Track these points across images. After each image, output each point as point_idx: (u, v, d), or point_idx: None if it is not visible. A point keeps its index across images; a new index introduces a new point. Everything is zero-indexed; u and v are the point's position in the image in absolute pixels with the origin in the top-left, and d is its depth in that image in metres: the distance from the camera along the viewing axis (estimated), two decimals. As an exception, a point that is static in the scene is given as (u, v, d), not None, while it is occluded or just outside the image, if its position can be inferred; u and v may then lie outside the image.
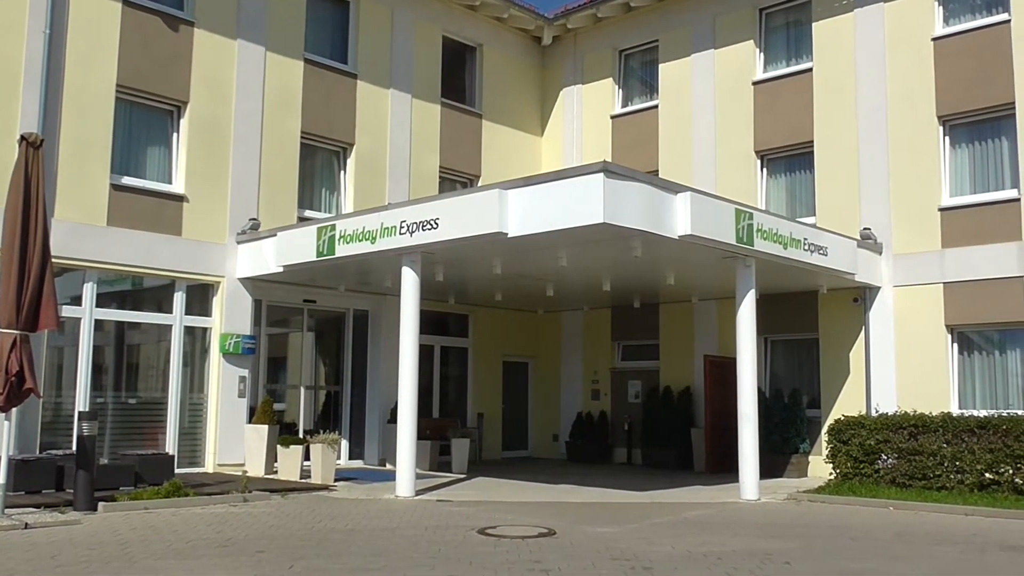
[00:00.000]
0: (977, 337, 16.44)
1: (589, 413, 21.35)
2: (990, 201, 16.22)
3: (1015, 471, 13.53)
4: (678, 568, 8.61)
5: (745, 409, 14.23)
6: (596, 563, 8.73)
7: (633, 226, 12.30)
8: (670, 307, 20.17)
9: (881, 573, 8.55)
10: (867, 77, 17.65)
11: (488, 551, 9.33)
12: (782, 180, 19.14)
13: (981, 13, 16.78)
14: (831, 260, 15.57)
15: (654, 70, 21.19)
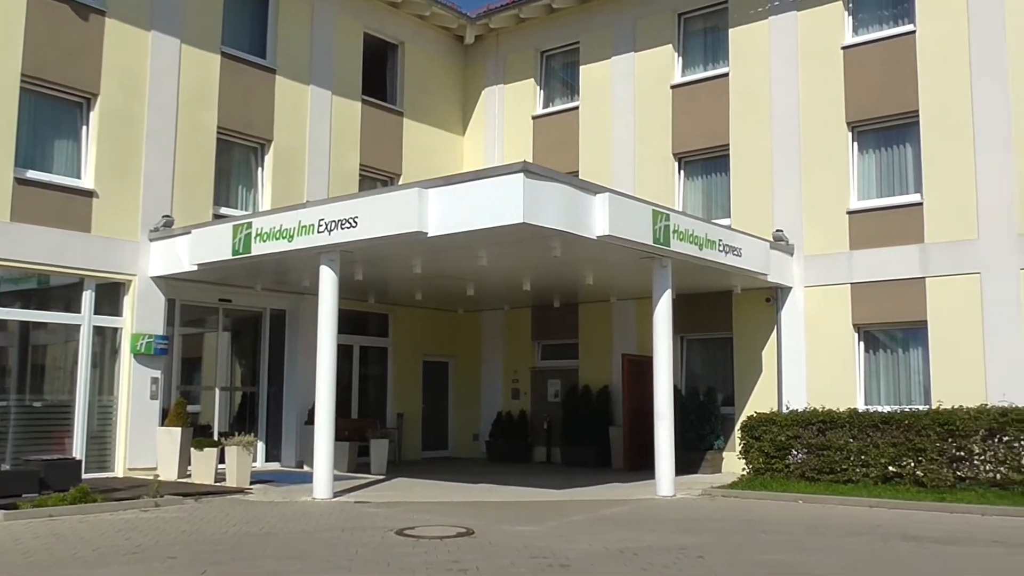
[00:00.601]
0: (882, 336, 17.02)
1: (509, 412, 21.43)
2: (895, 205, 16.81)
3: (916, 464, 14.05)
4: (595, 564, 8.71)
5: (661, 407, 14.46)
6: (515, 562, 8.77)
7: (552, 226, 12.38)
8: (589, 307, 20.38)
9: (791, 565, 8.79)
10: (781, 83, 18.12)
11: (406, 552, 9.29)
12: (699, 182, 19.50)
13: (889, 24, 17.37)
14: (745, 261, 15.94)
15: (575, 71, 21.38)
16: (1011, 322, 15.24)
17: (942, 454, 13.88)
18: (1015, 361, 15.08)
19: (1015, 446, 13.39)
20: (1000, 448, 13.53)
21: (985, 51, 15.91)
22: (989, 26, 15.92)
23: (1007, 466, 13.42)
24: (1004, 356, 15.21)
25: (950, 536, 10.45)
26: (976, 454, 13.75)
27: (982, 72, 15.91)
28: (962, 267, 15.82)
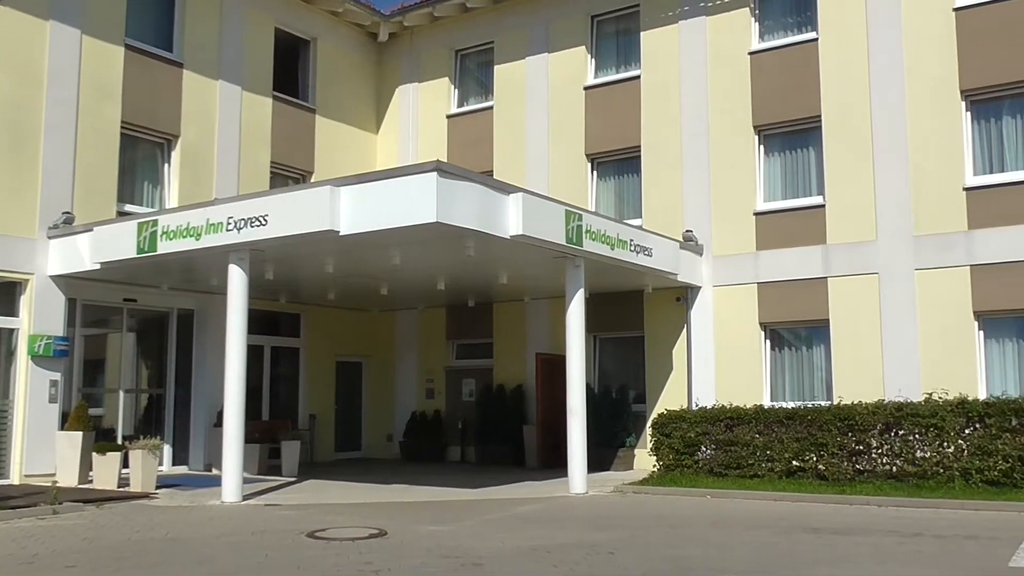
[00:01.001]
0: (787, 334, 17.52)
1: (423, 412, 21.36)
2: (799, 207, 17.31)
3: (818, 458, 14.51)
4: (507, 562, 8.76)
5: (574, 405, 14.61)
6: (427, 561, 8.75)
7: (466, 225, 12.39)
8: (503, 306, 20.45)
9: (699, 559, 8.99)
10: (691, 86, 18.48)
11: (317, 554, 9.19)
12: (611, 183, 19.76)
13: (793, 31, 17.88)
14: (655, 261, 16.21)
15: (490, 71, 21.42)
16: (907, 321, 15.85)
17: (842, 448, 14.36)
18: (910, 358, 15.70)
19: (910, 440, 13.93)
20: (896, 442, 14.06)
21: (883, 59, 16.51)
22: (886, 35, 16.52)
23: (902, 459, 13.95)
24: (900, 354, 15.81)
25: (848, 527, 10.82)
26: (874, 448, 14.27)
27: (880, 79, 16.51)
28: (861, 268, 16.39)
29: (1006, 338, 15.43)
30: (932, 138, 16.00)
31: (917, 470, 13.74)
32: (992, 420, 13.31)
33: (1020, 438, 13.04)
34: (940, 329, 15.58)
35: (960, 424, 13.58)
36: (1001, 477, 13.01)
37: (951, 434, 13.58)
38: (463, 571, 8.31)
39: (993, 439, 13.21)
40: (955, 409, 13.67)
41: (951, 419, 13.60)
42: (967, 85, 15.84)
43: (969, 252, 15.52)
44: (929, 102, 16.08)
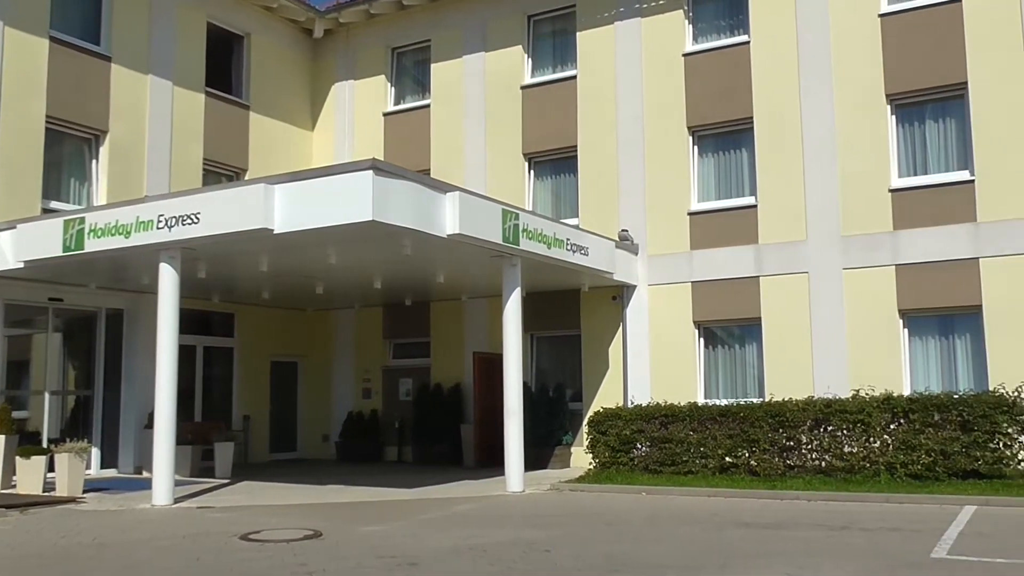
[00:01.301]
0: (720, 332, 17.81)
1: (360, 412, 21.21)
2: (732, 207, 17.61)
3: (751, 454, 14.78)
4: (443, 562, 8.75)
5: (511, 404, 14.65)
6: (362, 562, 8.70)
7: (402, 224, 12.35)
8: (441, 305, 20.41)
9: (633, 554, 9.08)
10: (626, 87, 18.66)
11: (251, 556, 9.07)
12: (548, 182, 19.86)
13: (726, 34, 18.18)
14: (592, 260, 16.35)
15: (427, 69, 21.35)
16: (835, 319, 16.24)
17: (774, 444, 14.65)
18: (838, 356, 16.09)
19: (838, 435, 14.27)
20: (825, 437, 14.39)
21: (812, 63, 16.88)
22: (815, 39, 16.89)
23: (831, 454, 14.29)
24: (829, 351, 16.20)
25: (779, 521, 11.05)
26: (804, 444, 14.58)
27: (809, 82, 16.88)
28: (792, 267, 16.74)
29: (929, 336, 15.92)
30: (859, 141, 16.41)
31: (845, 465, 14.07)
32: (915, 416, 13.71)
33: (942, 433, 13.46)
34: (867, 327, 16.00)
35: (886, 420, 13.95)
36: (924, 471, 13.41)
37: (877, 429, 13.95)
38: (399, 571, 8.28)
39: (916, 434, 13.61)
40: (881, 405, 14.04)
41: (877, 415, 13.96)
42: (892, 89, 16.29)
43: (894, 252, 15.96)
44: (856, 106, 16.49)
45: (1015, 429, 13.23)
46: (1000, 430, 13.21)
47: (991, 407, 13.26)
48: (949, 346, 15.80)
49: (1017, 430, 13.23)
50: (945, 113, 16.15)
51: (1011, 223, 15.12)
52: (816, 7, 16.96)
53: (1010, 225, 15.13)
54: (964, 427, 13.35)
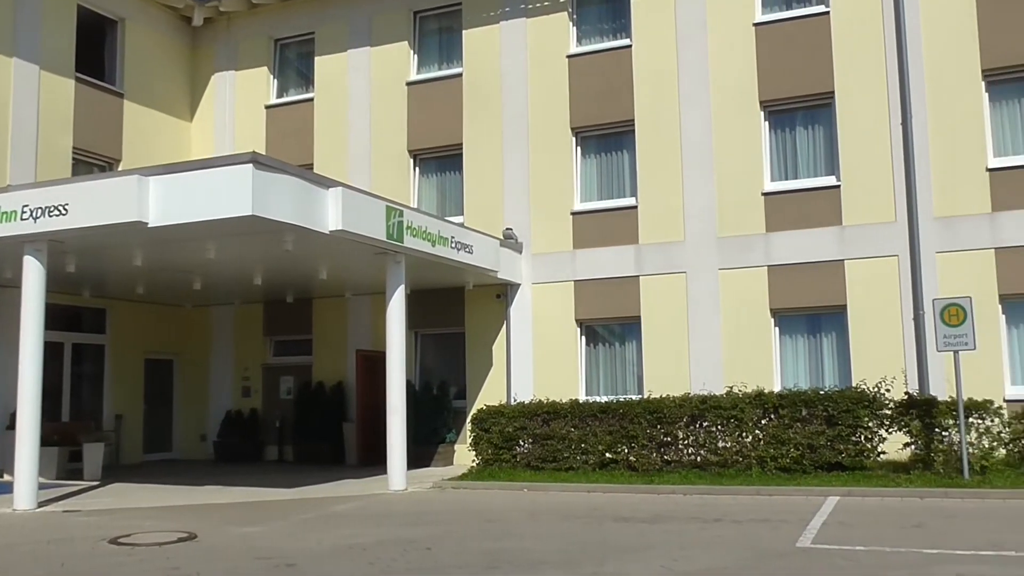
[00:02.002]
0: (602, 330, 18.15)
1: (239, 411, 20.72)
2: (613, 207, 17.96)
3: (629, 450, 15.11)
4: (323, 562, 8.65)
5: (394, 402, 14.57)
6: (239, 564, 8.52)
7: (283, 220, 12.13)
8: (324, 302, 20.12)
9: (514, 551, 9.18)
10: (511, 86, 18.80)
11: (120, 561, 8.75)
12: (434, 179, 19.82)
13: (609, 37, 18.52)
14: (476, 258, 16.41)
15: (310, 62, 20.99)
16: (711, 318, 16.78)
17: (652, 440, 15.01)
18: (714, 353, 16.64)
19: (713, 431, 14.74)
20: (701, 433, 14.84)
21: (690, 68, 17.38)
22: (694, 45, 17.40)
23: (706, 449, 14.75)
24: (705, 349, 16.72)
25: (656, 515, 11.35)
26: (681, 439, 15.00)
27: (688, 87, 17.38)
28: (670, 267, 17.20)
29: (798, 334, 16.62)
30: (735, 145, 16.99)
31: (719, 459, 14.55)
32: (785, 411, 14.29)
33: (809, 427, 14.07)
34: (740, 326, 16.59)
35: (757, 415, 14.49)
36: (792, 464, 13.98)
37: (749, 425, 14.47)
38: (276, 572, 8.14)
39: (786, 429, 14.18)
40: (753, 401, 14.57)
41: (749, 411, 14.48)
42: (766, 96, 16.93)
43: (767, 253, 16.59)
44: (732, 111, 17.06)
45: (875, 423, 13.94)
46: (862, 424, 13.89)
47: (854, 402, 13.94)
48: (817, 344, 16.53)
49: (877, 424, 13.95)
50: (814, 120, 16.88)
51: (873, 227, 15.93)
52: (694, 14, 17.47)
53: (872, 229, 15.93)
54: (829, 422, 13.98)
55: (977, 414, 13.40)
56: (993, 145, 15.60)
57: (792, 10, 17.12)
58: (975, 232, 15.34)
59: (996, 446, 13.34)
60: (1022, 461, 13.25)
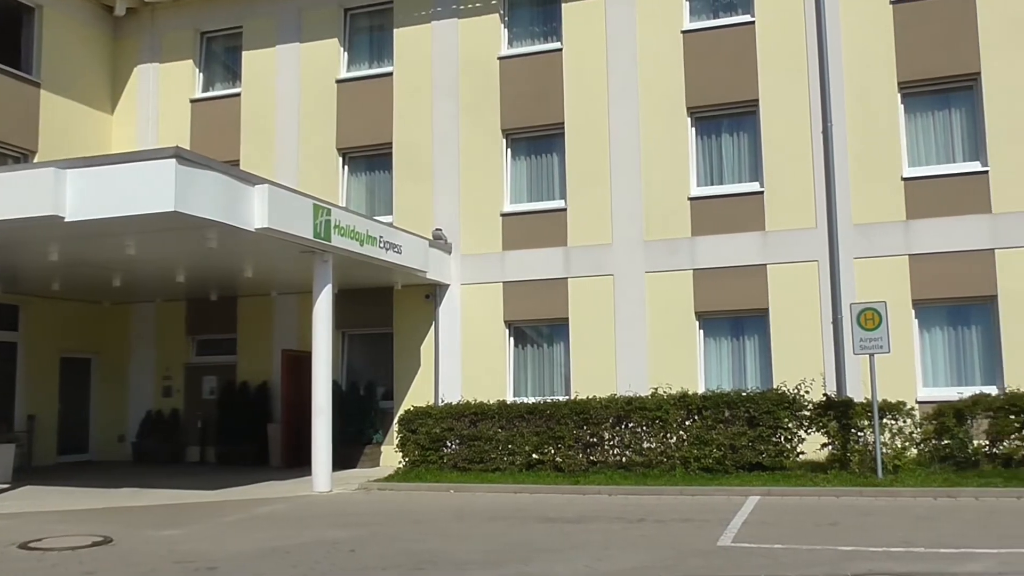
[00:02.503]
0: (530, 331, 18.22)
1: (160, 411, 20.25)
2: (543, 210, 18.05)
3: (556, 451, 15.20)
4: (244, 565, 8.51)
5: (319, 402, 14.41)
6: (157, 568, 8.33)
7: (207, 216, 11.90)
8: (249, 300, 19.79)
9: (438, 551, 9.16)
10: (442, 86, 18.75)
11: (30, 567, 8.48)
12: (363, 178, 19.66)
13: (540, 40, 18.61)
14: (405, 258, 16.33)
15: (238, 57, 20.63)
16: (637, 320, 16.98)
17: (578, 441, 15.12)
18: (639, 355, 16.84)
19: (638, 432, 14.92)
20: (626, 434, 15.01)
21: (620, 73, 17.57)
22: (623, 51, 17.60)
23: (631, 450, 14.92)
24: (631, 351, 16.92)
25: (581, 516, 11.44)
26: (606, 440, 15.14)
27: (617, 92, 17.56)
28: (598, 269, 17.36)
29: (722, 337, 16.92)
30: (662, 150, 17.23)
31: (644, 460, 14.73)
32: (708, 412, 14.53)
33: (731, 428, 14.33)
34: (666, 328, 16.83)
35: (681, 416, 14.70)
36: (715, 464, 14.23)
37: (674, 426, 14.68)
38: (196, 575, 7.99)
39: (709, 430, 14.43)
40: (677, 402, 14.78)
41: (674, 412, 14.69)
42: (692, 103, 17.20)
43: (692, 257, 16.86)
44: (660, 117, 17.30)
45: (795, 424, 14.28)
46: (782, 425, 14.21)
47: (774, 404, 14.25)
48: (739, 347, 16.85)
49: (797, 425, 14.29)
50: (739, 127, 17.22)
51: (794, 232, 16.31)
52: (624, 19, 17.66)
53: (793, 234, 16.32)
54: (751, 423, 14.27)
55: (891, 415, 13.83)
56: (908, 155, 16.12)
57: (719, 19, 17.43)
58: (891, 239, 15.83)
59: (908, 446, 13.79)
60: (932, 460, 13.72)
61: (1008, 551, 8.43)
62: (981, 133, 15.68)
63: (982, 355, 15.50)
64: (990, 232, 15.38)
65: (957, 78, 15.95)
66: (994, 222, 15.37)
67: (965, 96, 16.01)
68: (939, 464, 13.57)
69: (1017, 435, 13.46)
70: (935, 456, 13.74)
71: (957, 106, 16.08)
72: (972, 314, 15.64)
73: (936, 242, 15.60)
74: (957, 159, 15.97)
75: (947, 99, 16.15)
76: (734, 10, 17.38)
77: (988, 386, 14.96)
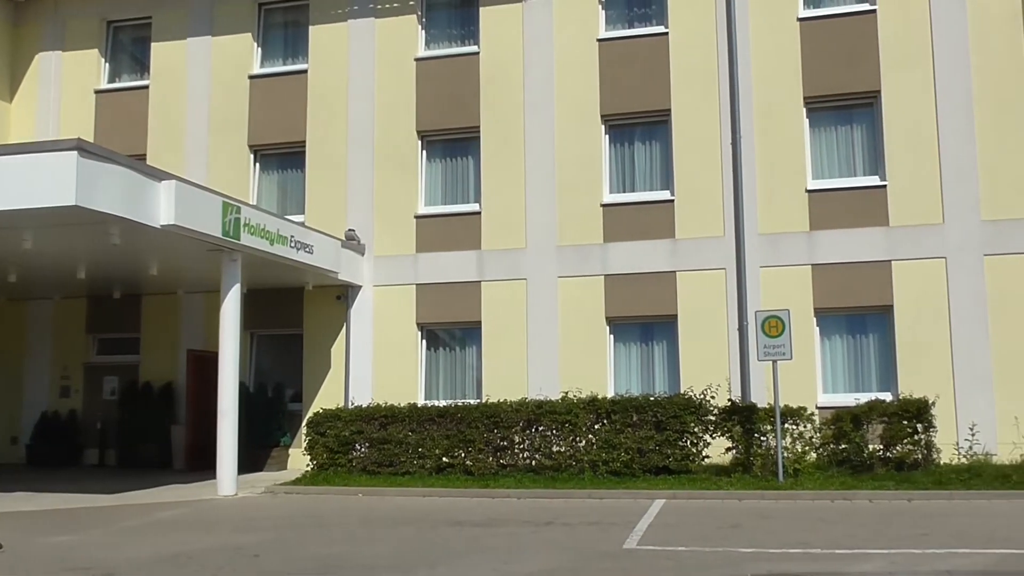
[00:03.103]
0: (443, 334, 18.19)
1: (56, 412, 19.53)
2: (457, 212, 18.03)
3: (466, 454, 15.20)
4: (143, 572, 8.28)
5: (225, 404, 14.12)
6: None
7: (110, 211, 11.58)
8: (154, 299, 19.25)
9: (345, 556, 9.06)
10: (358, 86, 18.59)
11: (-88, 576, 8.08)
12: (275, 176, 19.34)
13: (457, 43, 18.61)
14: (317, 258, 16.13)
15: (147, 48, 20.07)
16: (549, 324, 17.11)
17: (488, 444, 15.15)
18: (551, 359, 16.97)
19: (548, 435, 15.03)
20: (536, 437, 15.10)
21: (536, 79, 17.69)
22: (540, 57, 17.72)
23: (541, 453, 15.02)
24: (543, 355, 17.04)
25: (490, 519, 11.46)
26: (517, 443, 15.21)
27: (533, 98, 17.67)
28: (512, 273, 17.45)
29: (632, 342, 17.18)
30: (576, 157, 17.41)
31: (553, 463, 14.84)
32: (617, 416, 14.73)
33: (639, 432, 14.56)
34: (577, 332, 16.99)
35: (591, 420, 14.87)
36: (623, 468, 14.43)
37: (583, 429, 14.83)
38: (91, 584, 7.73)
39: (617, 433, 14.62)
40: (587, 406, 14.95)
41: (583, 416, 14.85)
42: (607, 110, 17.44)
43: (604, 263, 17.07)
44: (574, 123, 17.48)
45: (701, 428, 14.59)
46: (688, 429, 14.50)
47: (681, 408, 14.53)
48: (649, 352, 17.13)
49: (702, 429, 14.59)
50: (652, 136, 17.50)
51: (703, 240, 16.67)
52: (541, 26, 17.79)
53: (702, 242, 16.67)
54: (658, 427, 14.52)
55: (792, 420, 14.25)
56: (812, 168, 16.65)
57: (634, 29, 17.71)
58: (795, 249, 16.31)
59: (808, 450, 14.23)
60: (830, 464, 14.16)
61: (897, 551, 8.78)
62: (880, 148, 16.30)
63: (878, 362, 16.10)
64: (887, 244, 15.99)
65: (859, 95, 16.55)
66: (891, 234, 15.99)
67: (866, 112, 16.62)
68: (836, 468, 14.02)
69: (909, 440, 14.01)
70: (833, 460, 14.19)
71: (858, 122, 16.67)
72: (869, 323, 16.23)
73: (837, 253, 16.14)
74: (858, 173, 16.56)
75: (849, 115, 16.73)
76: (649, 21, 17.68)
77: (883, 392, 15.57)
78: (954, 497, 12.32)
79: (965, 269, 15.62)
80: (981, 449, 14.42)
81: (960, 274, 15.63)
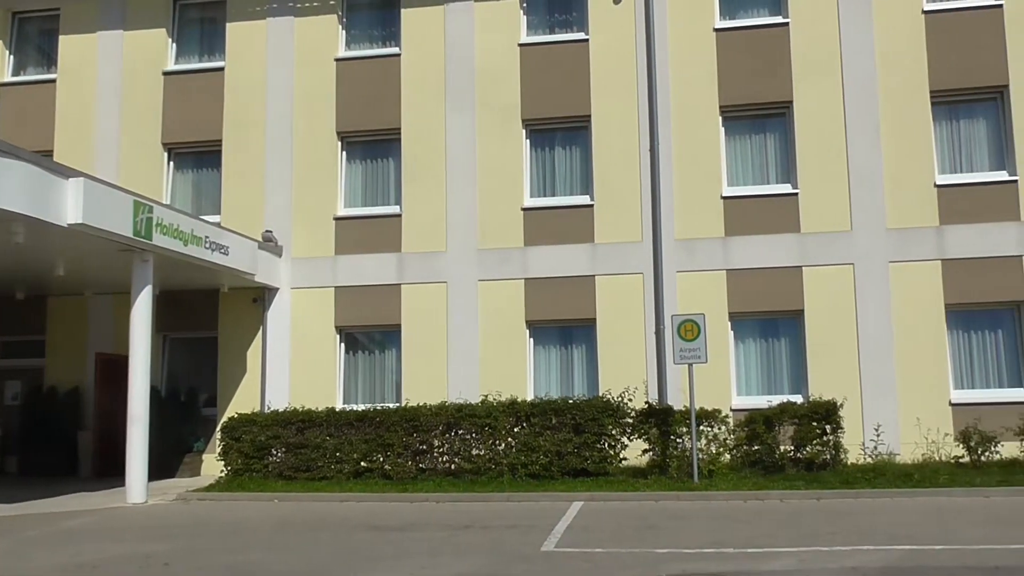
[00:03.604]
0: (362, 337, 18.01)
1: (-46, 418, 18.71)
2: (377, 215, 17.87)
3: (385, 458, 15.08)
4: (45, 584, 7.99)
5: (135, 409, 13.72)
6: (-57, 590, 7.69)
7: (13, 209, 11.15)
8: (60, 300, 18.60)
9: (258, 563, 8.90)
10: (276, 85, 18.30)
11: None
12: (190, 175, 18.90)
13: (378, 44, 18.46)
14: (232, 260, 15.80)
15: (54, 40, 19.40)
16: (469, 328, 17.10)
17: (407, 448, 15.06)
18: (471, 363, 16.96)
19: (468, 439, 15.01)
20: (456, 441, 15.07)
21: (458, 82, 17.68)
22: (461, 59, 17.71)
23: (460, 457, 14.99)
24: (463, 358, 17.01)
25: (407, 523, 11.39)
26: (436, 447, 15.15)
27: (454, 101, 17.66)
28: (432, 276, 17.38)
29: (551, 345, 17.27)
30: (497, 160, 17.45)
31: (473, 467, 14.82)
32: (536, 419, 14.80)
33: (558, 435, 14.65)
34: (498, 336, 17.02)
35: (510, 423, 14.91)
36: (541, 470, 14.50)
37: (503, 433, 14.86)
38: (-11, 598, 7.42)
39: (536, 436, 14.69)
40: (507, 410, 14.98)
41: (503, 419, 14.88)
42: (527, 115, 17.52)
43: (524, 267, 17.14)
44: (495, 126, 17.52)
45: (618, 431, 14.75)
46: (606, 432, 14.66)
47: (599, 411, 14.68)
48: (568, 355, 17.25)
49: (620, 432, 14.76)
50: (572, 141, 17.66)
51: (622, 245, 16.87)
52: (462, 29, 17.79)
53: (621, 247, 16.87)
54: (577, 430, 14.63)
55: (707, 422, 14.52)
56: (728, 175, 17.01)
57: (555, 34, 17.84)
58: (710, 254, 16.64)
59: (722, 451, 14.52)
60: (744, 465, 14.48)
61: (806, 549, 9.02)
62: (792, 157, 16.74)
63: (790, 366, 16.52)
64: (799, 250, 16.43)
65: (772, 104, 16.98)
66: (802, 241, 16.44)
67: (779, 122, 17.06)
68: (749, 468, 14.33)
69: (819, 440, 14.41)
70: (746, 461, 14.51)
71: (772, 131, 17.11)
72: (781, 327, 16.65)
73: (751, 258, 16.52)
74: (771, 181, 16.98)
75: (763, 124, 17.16)
76: (570, 27, 17.84)
77: (795, 395, 15.99)
78: (860, 496, 12.72)
79: (871, 276, 16.16)
80: (885, 449, 14.90)
81: (867, 280, 16.17)
